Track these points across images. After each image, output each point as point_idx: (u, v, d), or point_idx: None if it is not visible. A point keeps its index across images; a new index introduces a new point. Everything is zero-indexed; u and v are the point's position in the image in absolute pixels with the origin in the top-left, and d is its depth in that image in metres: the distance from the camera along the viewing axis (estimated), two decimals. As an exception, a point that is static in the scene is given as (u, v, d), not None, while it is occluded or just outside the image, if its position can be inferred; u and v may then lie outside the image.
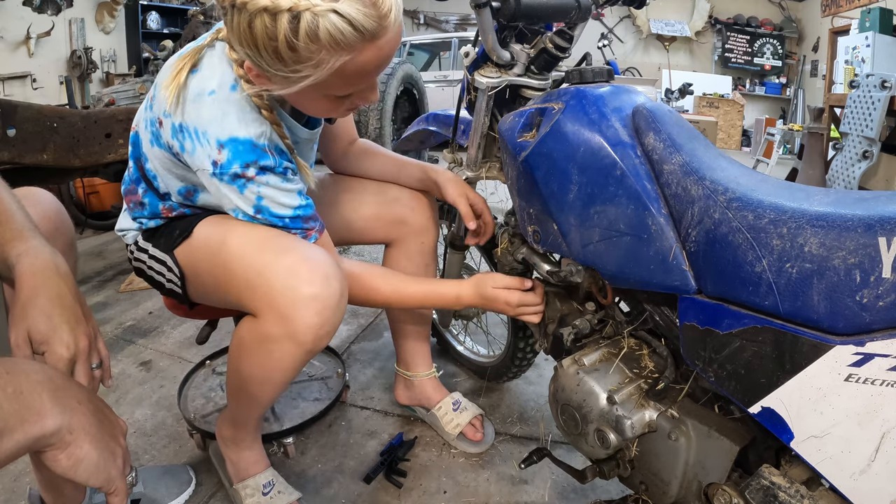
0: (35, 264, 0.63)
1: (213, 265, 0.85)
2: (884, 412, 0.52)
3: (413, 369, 1.30)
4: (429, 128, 1.32)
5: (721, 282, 0.63)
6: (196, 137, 0.76)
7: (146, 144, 0.87)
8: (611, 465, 0.81)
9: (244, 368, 0.87)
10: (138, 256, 0.96)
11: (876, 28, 4.40)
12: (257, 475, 1.02)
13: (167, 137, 0.80)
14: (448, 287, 0.99)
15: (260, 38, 0.64)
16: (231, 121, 0.76)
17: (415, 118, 3.08)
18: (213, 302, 0.94)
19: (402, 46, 6.61)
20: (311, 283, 0.77)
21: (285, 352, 0.81)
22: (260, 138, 0.77)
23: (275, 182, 0.79)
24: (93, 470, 0.52)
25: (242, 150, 0.76)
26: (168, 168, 0.86)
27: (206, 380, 1.41)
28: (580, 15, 0.90)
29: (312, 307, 0.77)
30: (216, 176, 0.77)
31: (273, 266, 0.78)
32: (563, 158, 0.79)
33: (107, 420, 0.56)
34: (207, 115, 0.76)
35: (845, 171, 3.20)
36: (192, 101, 0.77)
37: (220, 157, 0.76)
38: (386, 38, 0.67)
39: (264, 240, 0.81)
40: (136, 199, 0.94)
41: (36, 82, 5.70)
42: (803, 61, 7.93)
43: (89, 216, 3.00)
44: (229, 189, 0.78)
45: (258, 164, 0.77)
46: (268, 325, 0.79)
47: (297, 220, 0.83)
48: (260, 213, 0.81)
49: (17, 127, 1.69)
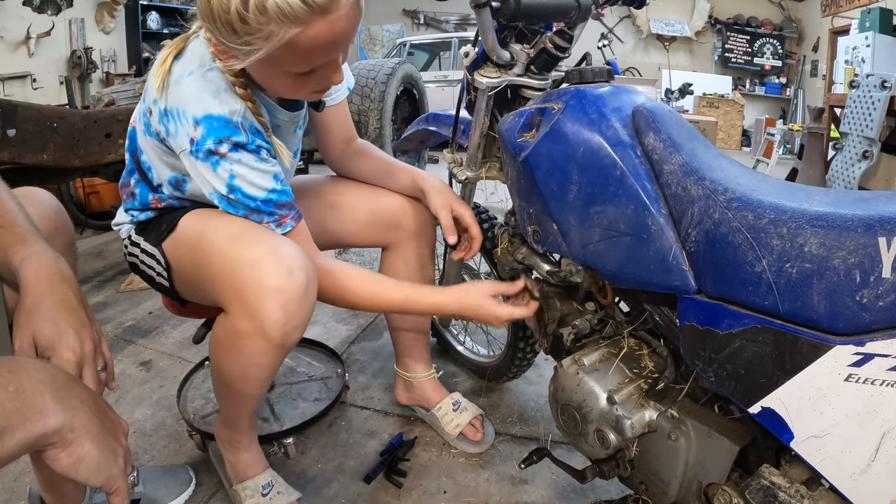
0: (39, 269, 0.63)
1: (193, 257, 0.85)
2: (884, 412, 0.52)
3: (412, 370, 1.30)
4: (429, 128, 1.32)
5: (721, 282, 0.63)
6: (178, 118, 0.78)
7: (140, 136, 0.89)
8: (611, 465, 0.81)
9: (223, 366, 0.87)
10: (132, 251, 0.98)
11: (876, 28, 4.40)
12: (256, 476, 1.02)
13: (155, 125, 0.82)
14: (428, 295, 0.93)
15: (216, 10, 0.68)
16: (206, 98, 0.78)
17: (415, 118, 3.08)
18: (196, 296, 0.94)
19: (403, 46, 6.61)
20: (276, 275, 0.77)
21: (257, 347, 0.81)
22: (234, 115, 0.78)
23: (247, 160, 0.80)
24: (94, 469, 0.52)
25: (216, 126, 0.77)
26: (159, 157, 0.88)
27: (205, 380, 1.41)
28: (580, 15, 0.90)
29: (276, 300, 0.77)
30: (193, 154, 0.78)
31: (240, 259, 0.78)
32: (562, 158, 0.79)
33: (108, 419, 0.56)
34: (186, 94, 0.78)
35: (845, 171, 3.20)
36: (174, 84, 0.79)
37: (196, 134, 0.77)
38: (337, 13, 0.68)
39: (237, 233, 0.81)
40: (128, 191, 0.96)
41: (36, 82, 5.71)
42: (803, 61, 7.93)
43: (89, 216, 3.00)
44: (204, 167, 0.79)
45: (231, 139, 0.78)
46: (237, 320, 0.80)
47: (270, 203, 0.82)
48: (233, 193, 0.80)
49: (17, 127, 1.69)
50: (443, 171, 1.17)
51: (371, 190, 1.15)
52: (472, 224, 1.06)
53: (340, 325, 1.84)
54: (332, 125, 1.11)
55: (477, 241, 1.07)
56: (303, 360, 1.49)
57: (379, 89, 3.48)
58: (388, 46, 8.75)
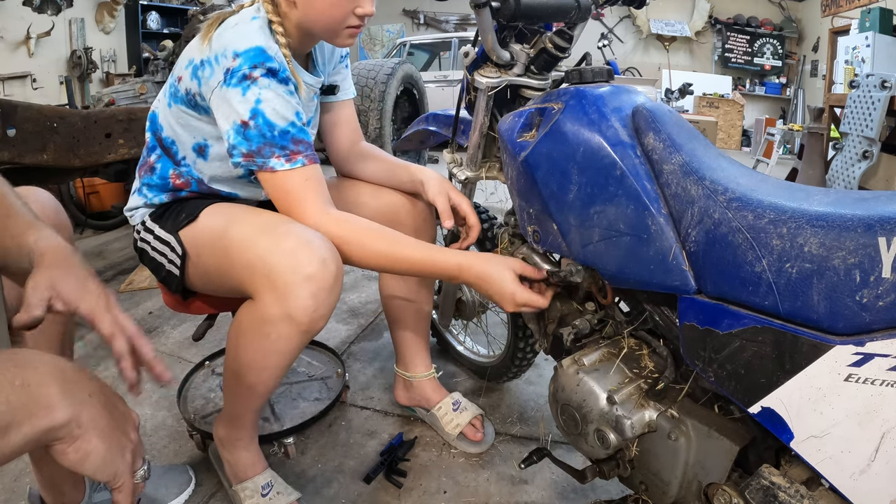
0: (53, 244, 0.63)
1: (216, 248, 0.88)
2: (884, 412, 0.52)
3: (412, 370, 1.30)
4: (429, 128, 1.32)
5: (721, 282, 0.63)
6: (216, 61, 0.84)
7: (164, 111, 0.96)
8: (611, 465, 0.81)
9: (242, 355, 0.88)
10: (144, 237, 0.99)
11: (876, 28, 4.40)
12: (256, 476, 1.02)
13: (186, 84, 0.89)
14: (450, 256, 0.89)
15: None
16: (249, 34, 0.85)
17: (415, 118, 3.08)
18: (211, 287, 0.95)
19: (403, 46, 6.61)
20: (310, 264, 0.80)
21: (282, 333, 0.83)
22: (270, 50, 0.85)
23: (276, 88, 0.84)
24: (100, 464, 0.51)
25: (253, 55, 0.83)
26: (184, 125, 0.94)
27: (205, 380, 1.41)
28: (580, 15, 0.90)
29: (308, 289, 0.80)
30: (226, 83, 0.83)
31: (274, 249, 0.81)
32: (562, 158, 0.79)
33: (118, 412, 0.55)
34: (229, 37, 0.85)
35: (845, 171, 3.20)
36: (217, 36, 0.86)
37: (234, 64, 0.82)
38: None
39: (267, 224, 0.85)
40: (148, 165, 1.00)
41: (36, 82, 5.70)
42: (803, 61, 7.93)
43: (89, 216, 3.00)
44: (234, 93, 0.83)
45: (265, 65, 0.83)
46: (266, 305, 0.82)
47: (287, 136, 0.85)
48: (255, 119, 0.83)
49: (17, 127, 1.69)
50: (443, 171, 1.18)
51: (373, 189, 1.16)
52: (470, 213, 1.06)
53: (340, 325, 1.84)
54: (342, 121, 1.15)
55: (475, 229, 1.06)
56: (303, 359, 1.49)
57: (379, 89, 3.47)
58: (388, 46, 8.75)
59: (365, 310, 1.97)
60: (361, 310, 1.97)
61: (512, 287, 0.85)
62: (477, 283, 0.87)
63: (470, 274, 0.87)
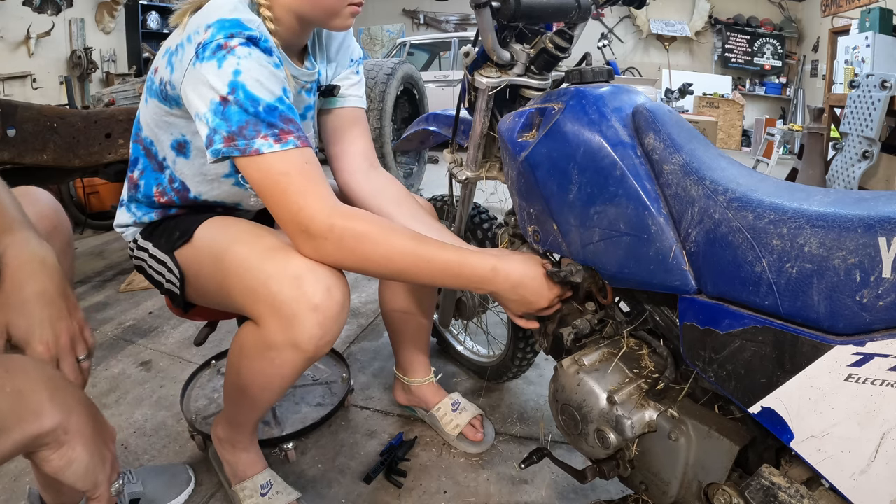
0: (20, 256, 0.62)
1: (216, 269, 0.84)
2: (884, 412, 0.52)
3: (411, 375, 1.30)
4: (429, 128, 1.32)
5: (721, 282, 0.63)
6: (188, 41, 0.75)
7: (143, 109, 0.90)
8: (611, 465, 0.80)
9: (244, 374, 0.87)
10: (139, 255, 0.98)
11: (876, 28, 4.40)
12: (255, 476, 1.02)
13: (160, 74, 0.82)
14: (480, 259, 0.80)
15: None
16: (225, 7, 0.75)
17: (415, 118, 3.07)
18: (213, 305, 0.94)
19: (403, 46, 6.61)
20: (315, 293, 0.76)
21: (286, 359, 0.81)
22: (250, 22, 0.75)
23: (258, 56, 0.73)
24: (81, 472, 0.51)
25: (228, 25, 0.73)
26: (158, 121, 0.87)
27: (210, 380, 1.41)
28: (580, 15, 0.90)
29: (314, 318, 0.77)
30: (198, 59, 0.72)
31: (278, 275, 0.77)
32: (562, 158, 0.79)
33: (99, 423, 0.55)
34: (202, 14, 0.76)
35: (845, 171, 3.20)
36: (193, 18, 0.77)
37: (206, 36, 0.72)
38: None
39: (269, 247, 0.80)
40: (132, 182, 0.96)
41: (36, 82, 5.70)
42: (803, 61, 7.93)
43: (89, 216, 3.00)
44: (208, 67, 0.71)
45: (244, 34, 0.73)
46: (270, 333, 0.79)
47: (274, 112, 0.73)
48: (234, 93, 0.71)
49: (17, 127, 1.69)
50: (443, 171, 1.17)
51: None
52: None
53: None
54: (344, 133, 1.03)
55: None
56: (303, 360, 1.49)
57: (379, 89, 3.47)
58: (388, 46, 8.75)
59: (365, 310, 1.97)
60: (361, 310, 1.97)
61: (547, 284, 0.84)
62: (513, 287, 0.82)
63: (507, 278, 0.82)
